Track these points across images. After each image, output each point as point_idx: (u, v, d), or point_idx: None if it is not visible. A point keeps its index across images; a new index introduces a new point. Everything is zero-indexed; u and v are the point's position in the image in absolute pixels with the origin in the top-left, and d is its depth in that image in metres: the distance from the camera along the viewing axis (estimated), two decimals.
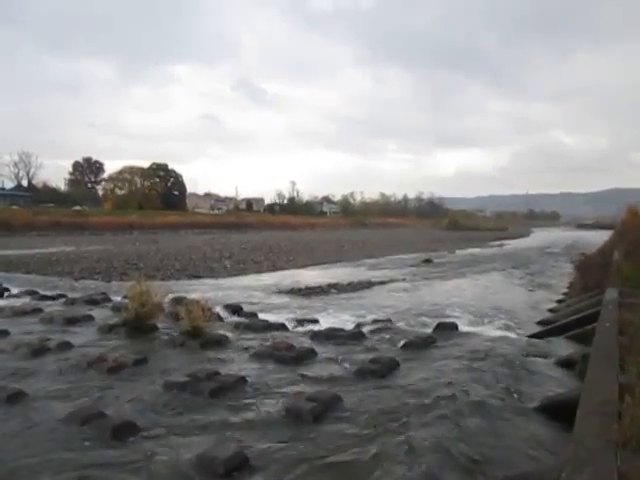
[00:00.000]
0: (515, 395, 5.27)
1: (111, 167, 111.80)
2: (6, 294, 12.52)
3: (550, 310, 11.29)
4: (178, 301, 10.05)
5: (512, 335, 8.64)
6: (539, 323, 9.63)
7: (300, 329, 8.79)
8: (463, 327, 8.94)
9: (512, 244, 43.95)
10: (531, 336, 8.38)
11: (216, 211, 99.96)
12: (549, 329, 8.57)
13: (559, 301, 12.54)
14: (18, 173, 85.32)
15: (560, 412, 4.49)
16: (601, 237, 26.53)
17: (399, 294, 13.72)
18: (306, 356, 6.83)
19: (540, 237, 61.42)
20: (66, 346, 7.21)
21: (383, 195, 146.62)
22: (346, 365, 6.46)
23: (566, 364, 6.22)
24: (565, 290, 14.20)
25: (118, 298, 11.30)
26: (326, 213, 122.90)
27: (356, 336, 8.00)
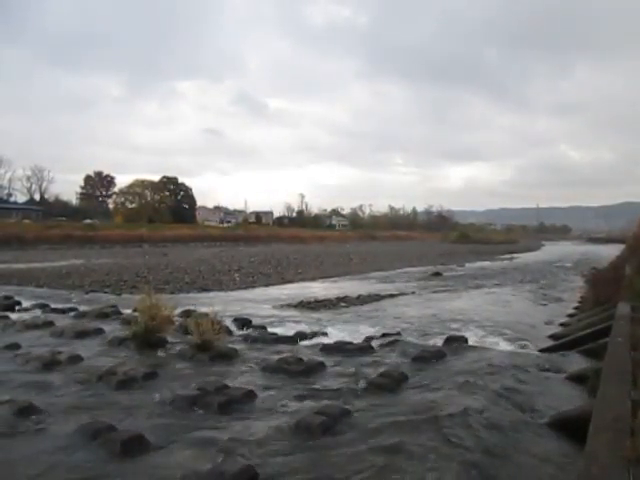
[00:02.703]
0: (526, 410, 5.21)
1: (121, 181, 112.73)
2: (17, 307, 12.62)
3: (561, 324, 11.19)
4: (187, 314, 10.08)
5: (523, 349, 8.57)
6: (550, 337, 9.54)
7: (309, 342, 8.77)
8: (473, 341, 8.89)
9: (522, 258, 43.70)
10: (542, 350, 8.30)
11: (225, 224, 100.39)
12: (561, 343, 8.50)
13: (570, 315, 12.42)
14: (31, 187, 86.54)
15: (572, 428, 4.44)
16: (613, 251, 26.33)
17: (408, 307, 13.67)
18: (315, 369, 6.81)
19: (551, 251, 61.03)
20: (76, 359, 7.25)
21: (392, 208, 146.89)
22: (355, 379, 6.42)
23: (578, 379, 6.15)
24: (577, 304, 14.06)
25: (128, 311, 11.35)
26: (335, 226, 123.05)
27: (365, 349, 7.97)
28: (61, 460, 4.13)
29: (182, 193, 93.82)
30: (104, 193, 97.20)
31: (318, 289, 17.92)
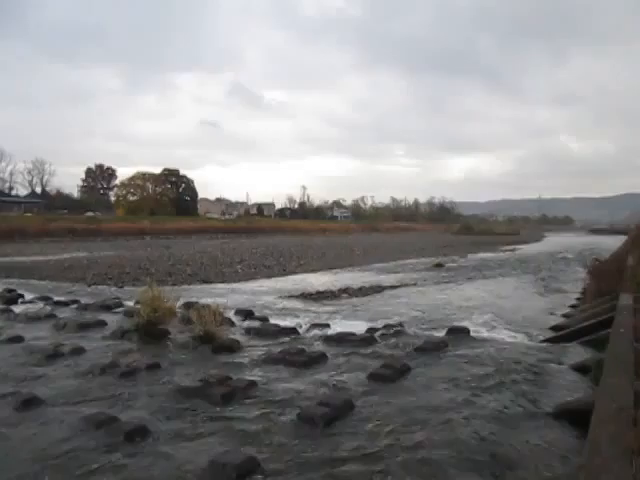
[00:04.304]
0: (529, 400, 5.21)
1: (122, 173, 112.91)
2: (20, 300, 12.63)
3: (564, 315, 11.18)
4: (190, 306, 10.09)
5: (525, 340, 8.56)
6: (552, 328, 9.53)
7: (311, 333, 8.78)
8: (475, 332, 8.88)
9: (524, 249, 43.63)
10: (544, 341, 8.30)
11: (227, 216, 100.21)
12: (563, 334, 8.49)
13: (573, 306, 12.42)
14: (32, 180, 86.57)
15: (574, 418, 4.44)
16: (615, 242, 26.24)
17: (410, 298, 13.66)
18: (317, 361, 6.82)
19: (553, 242, 60.91)
20: (79, 351, 7.27)
21: (394, 199, 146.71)
22: (358, 370, 6.43)
23: (580, 370, 6.15)
24: (579, 295, 14.06)
25: (131, 303, 11.36)
26: (337, 217, 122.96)
27: (368, 341, 7.98)
28: (65, 451, 4.14)
29: (184, 185, 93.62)
30: (105, 186, 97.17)
31: (320, 281, 17.91)
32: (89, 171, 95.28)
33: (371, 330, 8.82)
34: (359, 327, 9.24)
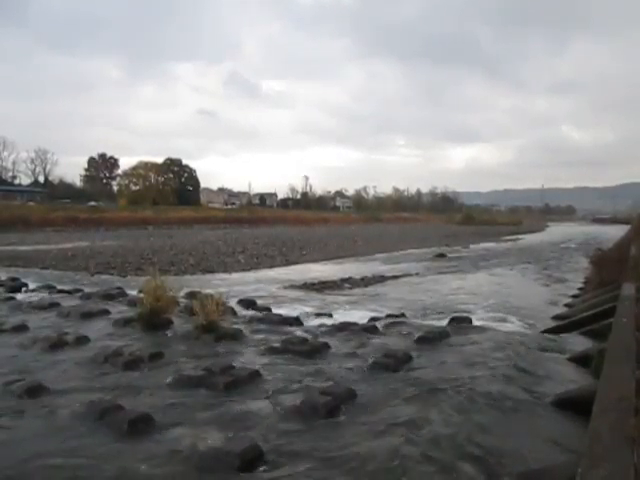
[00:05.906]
0: (530, 390, 5.24)
1: (125, 163, 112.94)
2: (24, 289, 12.68)
3: (566, 305, 11.19)
4: (192, 295, 10.11)
5: (527, 330, 8.59)
6: (554, 318, 9.55)
7: (314, 323, 8.80)
8: (477, 321, 8.91)
9: (527, 239, 43.59)
10: (546, 331, 8.32)
11: (229, 206, 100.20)
12: (564, 324, 8.51)
13: (575, 296, 12.43)
14: (35, 169, 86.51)
15: (576, 407, 4.46)
16: (617, 232, 26.17)
17: (413, 288, 13.69)
18: (320, 350, 6.84)
19: (555, 232, 60.83)
20: (83, 340, 7.30)
21: (396, 190, 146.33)
22: (360, 359, 6.46)
23: (582, 359, 6.17)
24: (581, 285, 14.07)
25: (133, 292, 11.40)
26: (339, 208, 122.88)
27: (370, 330, 8.00)
28: (69, 439, 4.18)
29: (186, 175, 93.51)
30: (108, 175, 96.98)
31: (322, 271, 17.94)
32: (91, 160, 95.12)
33: (373, 320, 8.85)
34: (361, 317, 9.27)
